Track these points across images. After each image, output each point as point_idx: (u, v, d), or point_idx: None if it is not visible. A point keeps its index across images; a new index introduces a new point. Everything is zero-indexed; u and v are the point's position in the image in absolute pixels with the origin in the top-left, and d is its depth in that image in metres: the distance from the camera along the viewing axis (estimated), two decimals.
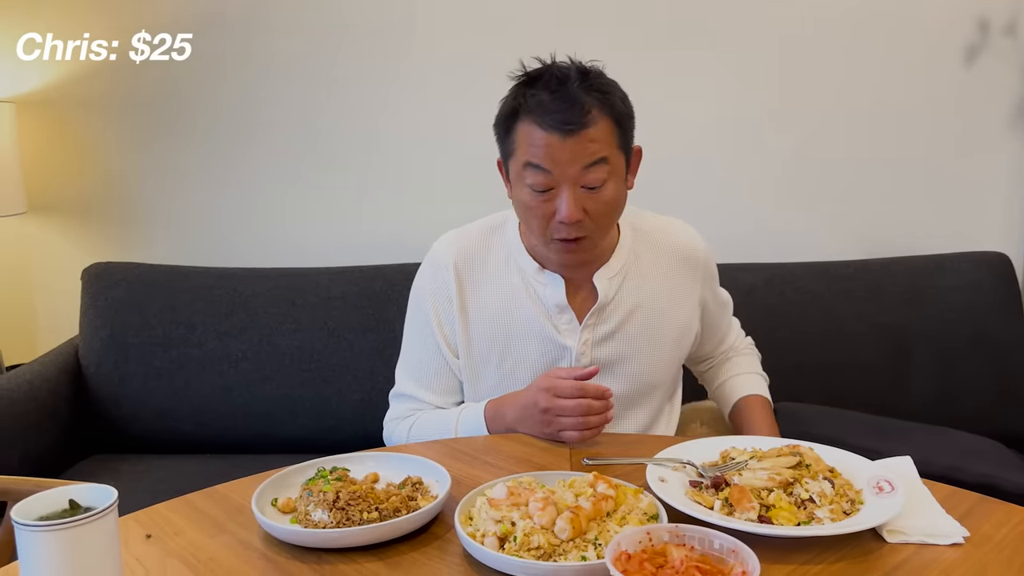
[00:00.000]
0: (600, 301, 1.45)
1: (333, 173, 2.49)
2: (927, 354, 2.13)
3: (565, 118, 1.29)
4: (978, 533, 1.01)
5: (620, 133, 1.35)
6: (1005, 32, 2.25)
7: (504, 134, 1.38)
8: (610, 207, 1.37)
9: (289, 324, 2.23)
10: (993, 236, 2.34)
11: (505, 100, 1.38)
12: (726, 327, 1.67)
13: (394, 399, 1.59)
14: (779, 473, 1.08)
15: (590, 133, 1.30)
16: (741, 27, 2.32)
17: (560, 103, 1.29)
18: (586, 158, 1.30)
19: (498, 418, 1.41)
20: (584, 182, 1.32)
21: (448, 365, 1.52)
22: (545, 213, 1.35)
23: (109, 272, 2.29)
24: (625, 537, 0.84)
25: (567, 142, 1.29)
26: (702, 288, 1.55)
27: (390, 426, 1.57)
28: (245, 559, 1.00)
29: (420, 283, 1.55)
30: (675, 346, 1.53)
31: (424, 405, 1.53)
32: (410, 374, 1.55)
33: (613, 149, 1.34)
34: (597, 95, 1.31)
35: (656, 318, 1.49)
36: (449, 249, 1.51)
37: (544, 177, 1.32)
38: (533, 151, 1.32)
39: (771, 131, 2.37)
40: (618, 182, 1.36)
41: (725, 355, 1.70)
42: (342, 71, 2.42)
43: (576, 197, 1.32)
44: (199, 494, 1.17)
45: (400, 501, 1.07)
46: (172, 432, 2.22)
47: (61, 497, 0.87)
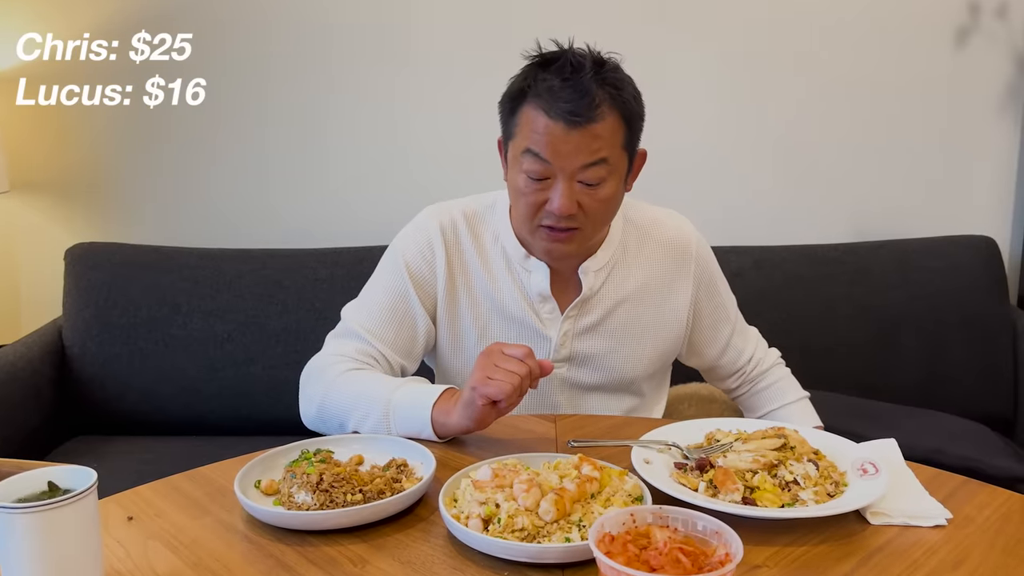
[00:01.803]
0: (584, 294, 1.42)
1: (320, 154, 2.47)
2: (913, 337, 2.15)
3: (573, 108, 1.23)
4: (961, 515, 1.01)
5: (627, 133, 1.29)
6: (996, 15, 2.25)
7: (508, 114, 1.33)
8: (605, 206, 1.32)
9: (275, 306, 2.22)
10: (980, 220, 2.35)
11: (515, 79, 1.32)
12: (730, 332, 1.55)
13: (337, 337, 1.42)
14: (764, 455, 1.08)
15: (596, 129, 1.24)
16: (728, 10, 2.31)
17: (570, 92, 1.23)
18: (588, 155, 1.25)
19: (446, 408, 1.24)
20: (582, 177, 1.27)
21: (415, 323, 1.42)
22: (536, 201, 1.30)
23: (93, 252, 2.27)
24: (609, 519, 0.83)
25: (571, 134, 1.24)
26: (694, 284, 1.49)
27: (323, 361, 1.38)
28: (228, 541, 0.99)
29: (402, 244, 1.45)
30: (659, 341, 1.48)
31: (374, 357, 1.39)
32: (368, 315, 1.41)
33: (617, 149, 1.28)
34: (610, 89, 1.25)
35: (640, 313, 1.46)
36: (438, 218, 1.45)
37: (542, 166, 1.27)
38: (535, 138, 1.26)
39: (759, 114, 2.36)
40: (617, 182, 1.31)
41: (758, 375, 1.59)
42: (332, 50, 2.40)
43: (571, 191, 1.27)
44: (182, 476, 1.16)
45: (384, 483, 1.06)
46: (157, 413, 2.21)
47: (40, 479, 0.86)
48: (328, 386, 1.33)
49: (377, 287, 1.45)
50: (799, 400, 1.58)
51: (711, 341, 1.55)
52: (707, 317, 1.52)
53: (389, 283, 1.44)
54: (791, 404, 1.57)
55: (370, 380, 1.32)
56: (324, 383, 1.34)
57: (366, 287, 1.47)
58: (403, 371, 1.44)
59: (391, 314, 1.42)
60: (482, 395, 1.16)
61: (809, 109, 2.35)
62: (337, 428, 1.32)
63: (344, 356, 1.38)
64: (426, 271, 1.43)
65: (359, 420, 1.28)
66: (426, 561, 0.94)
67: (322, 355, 1.41)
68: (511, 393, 1.16)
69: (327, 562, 0.94)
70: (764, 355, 1.61)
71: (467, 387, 1.19)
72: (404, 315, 1.42)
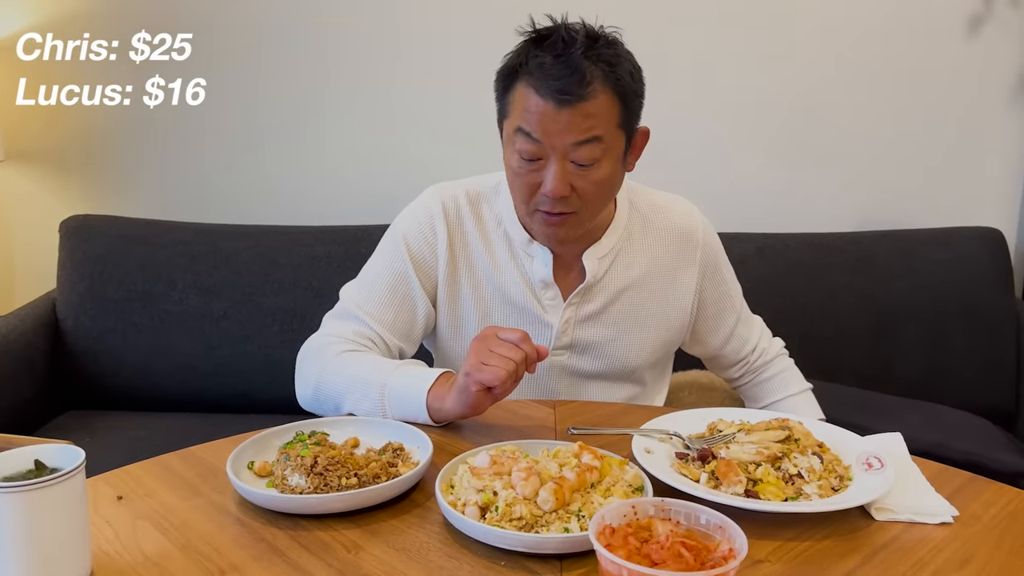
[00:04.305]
0: (587, 281, 1.39)
1: (320, 129, 2.43)
2: (916, 328, 2.13)
3: (562, 86, 1.19)
4: (967, 512, 0.99)
5: (623, 111, 1.24)
6: (1010, 3, 2.21)
7: (502, 92, 1.29)
8: (600, 188, 1.27)
9: (272, 283, 2.20)
10: (987, 211, 2.32)
11: (508, 56, 1.28)
12: (734, 321, 1.53)
13: (335, 318, 1.40)
14: (767, 447, 1.05)
15: (587, 107, 1.20)
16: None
17: (561, 69, 1.19)
18: (579, 133, 1.21)
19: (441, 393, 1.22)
20: (575, 157, 1.23)
21: (415, 305, 1.39)
22: (531, 182, 1.26)
23: (88, 225, 2.24)
24: (610, 511, 0.81)
25: (562, 112, 1.20)
26: (699, 272, 1.46)
27: (320, 342, 1.36)
28: (219, 523, 0.97)
29: (403, 224, 1.42)
30: (662, 330, 1.45)
31: (372, 339, 1.36)
32: (367, 297, 1.39)
33: (612, 128, 1.24)
34: (603, 66, 1.21)
35: (644, 301, 1.43)
36: (440, 198, 1.41)
37: (533, 145, 1.23)
38: (526, 116, 1.23)
39: (766, 100, 2.33)
40: (613, 162, 1.26)
41: (762, 365, 1.56)
42: (329, 26, 2.36)
43: (564, 172, 1.23)
44: (173, 455, 1.13)
45: (380, 467, 1.04)
46: (151, 389, 2.19)
47: (26, 457, 0.84)
48: (324, 367, 1.30)
49: (377, 267, 1.42)
50: (802, 392, 1.56)
51: (715, 330, 1.52)
52: (711, 305, 1.50)
53: (389, 263, 1.40)
54: (794, 396, 1.55)
55: (366, 362, 1.29)
56: (320, 364, 1.31)
57: (365, 267, 1.44)
58: (401, 354, 1.41)
59: (390, 295, 1.39)
60: (476, 381, 1.13)
61: (816, 96, 2.31)
62: (333, 410, 1.29)
63: (341, 337, 1.35)
64: (427, 252, 1.40)
65: (355, 403, 1.26)
66: (421, 548, 0.92)
67: (319, 335, 1.39)
68: (505, 379, 1.13)
69: (320, 547, 0.92)
70: (768, 345, 1.59)
71: (461, 372, 1.16)
72: (404, 297, 1.39)
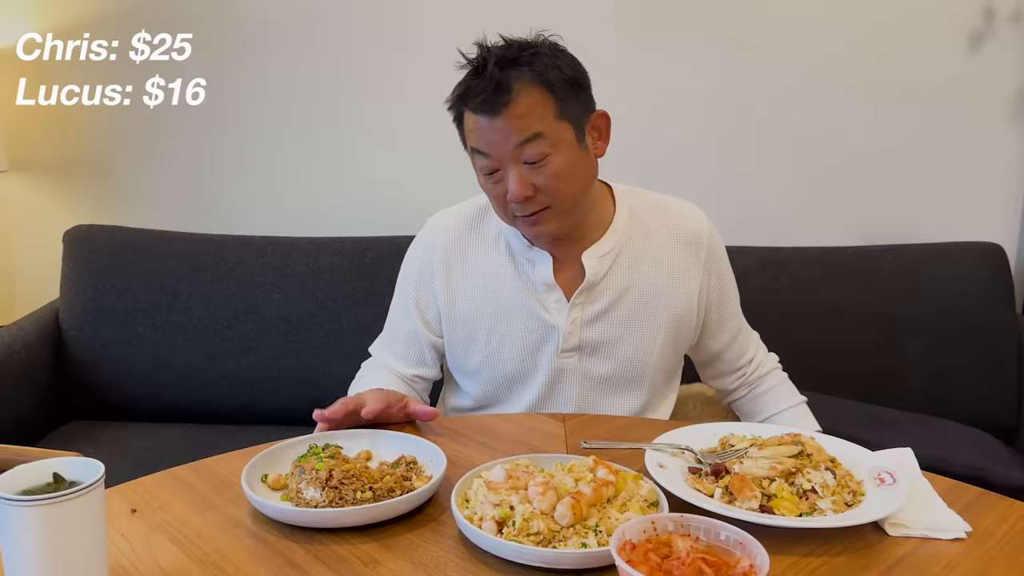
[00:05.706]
0: (588, 280, 1.42)
1: (325, 142, 2.44)
2: (918, 343, 2.13)
3: (484, 99, 1.29)
4: (979, 528, 1.00)
5: (557, 102, 1.31)
6: (1011, 20, 2.23)
7: (457, 123, 1.39)
8: (562, 179, 1.32)
9: (276, 294, 2.19)
10: (989, 227, 2.33)
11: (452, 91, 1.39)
12: (736, 327, 1.56)
13: None
14: (781, 462, 1.06)
15: (515, 109, 1.28)
16: (741, 11, 2.28)
17: (482, 84, 1.29)
18: (518, 134, 1.29)
19: None
20: (524, 158, 1.30)
21: (419, 339, 1.52)
22: (499, 193, 1.34)
23: (92, 235, 2.23)
24: (630, 526, 0.81)
25: (495, 121, 1.29)
26: (705, 273, 1.49)
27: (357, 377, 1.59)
28: (234, 536, 0.97)
29: (407, 261, 1.55)
30: (671, 332, 1.47)
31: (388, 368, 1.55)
32: (384, 339, 1.58)
33: (550, 121, 1.30)
34: (522, 68, 1.29)
35: (650, 300, 1.45)
36: (438, 228, 1.51)
37: (487, 160, 1.33)
38: (472, 136, 1.33)
39: (770, 115, 2.34)
40: (565, 153, 1.32)
41: (757, 378, 1.58)
42: (332, 37, 2.36)
43: (520, 175, 1.31)
44: (186, 468, 1.13)
45: (394, 481, 1.04)
46: (153, 400, 2.18)
47: (45, 470, 0.84)
48: None
49: (395, 313, 1.57)
50: (798, 405, 1.57)
51: (717, 332, 1.54)
52: (716, 308, 1.52)
53: (400, 308, 1.55)
54: (791, 409, 1.56)
55: None
56: None
57: (388, 317, 1.59)
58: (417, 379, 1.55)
59: (400, 336, 1.54)
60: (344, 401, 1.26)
61: (820, 111, 2.33)
62: None
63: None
64: (427, 285, 1.50)
65: None
66: (439, 563, 0.92)
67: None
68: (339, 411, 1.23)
69: (337, 561, 0.92)
70: (764, 359, 1.61)
71: None
72: (410, 337, 1.53)
